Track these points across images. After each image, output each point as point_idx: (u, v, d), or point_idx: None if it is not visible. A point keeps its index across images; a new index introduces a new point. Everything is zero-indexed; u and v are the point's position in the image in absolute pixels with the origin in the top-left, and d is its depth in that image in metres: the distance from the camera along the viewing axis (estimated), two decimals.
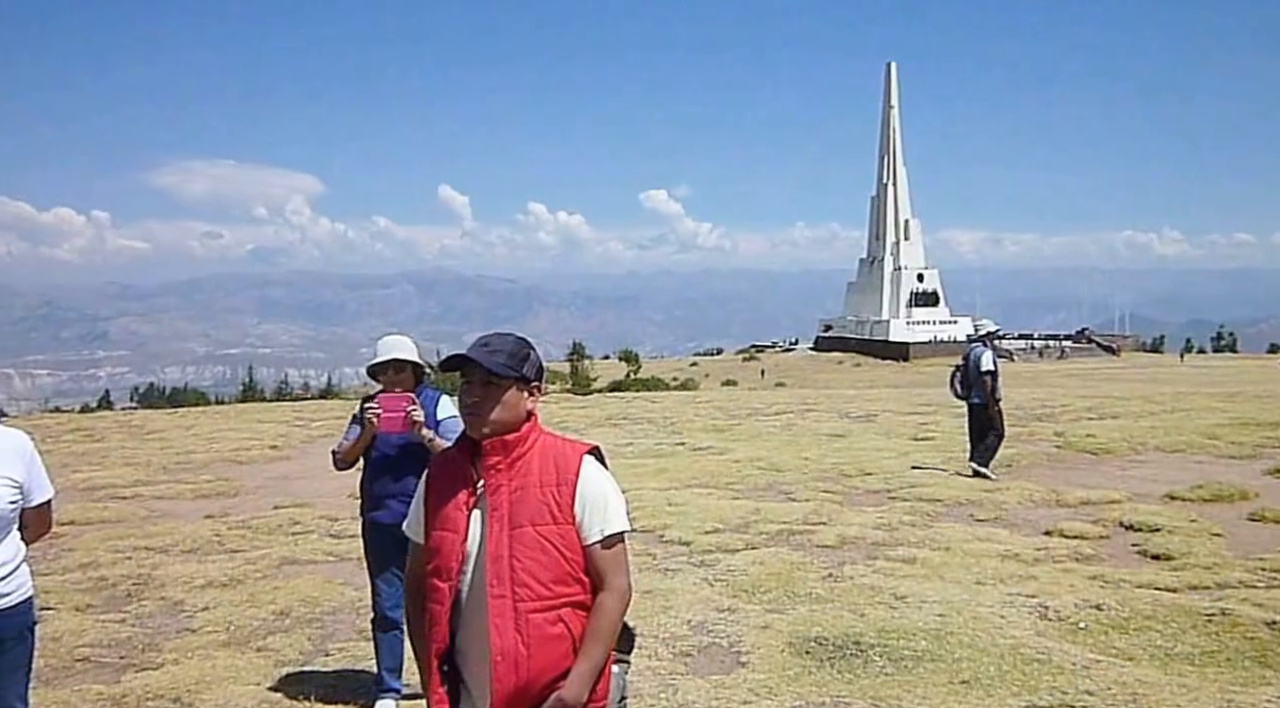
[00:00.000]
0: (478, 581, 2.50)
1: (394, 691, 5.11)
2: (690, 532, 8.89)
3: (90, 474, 12.96)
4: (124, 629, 6.50)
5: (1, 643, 3.36)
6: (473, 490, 2.57)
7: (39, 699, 5.10)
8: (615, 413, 21.80)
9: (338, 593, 7.31)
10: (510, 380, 2.58)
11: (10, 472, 3.38)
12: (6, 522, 3.38)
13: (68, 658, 5.95)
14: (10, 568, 3.38)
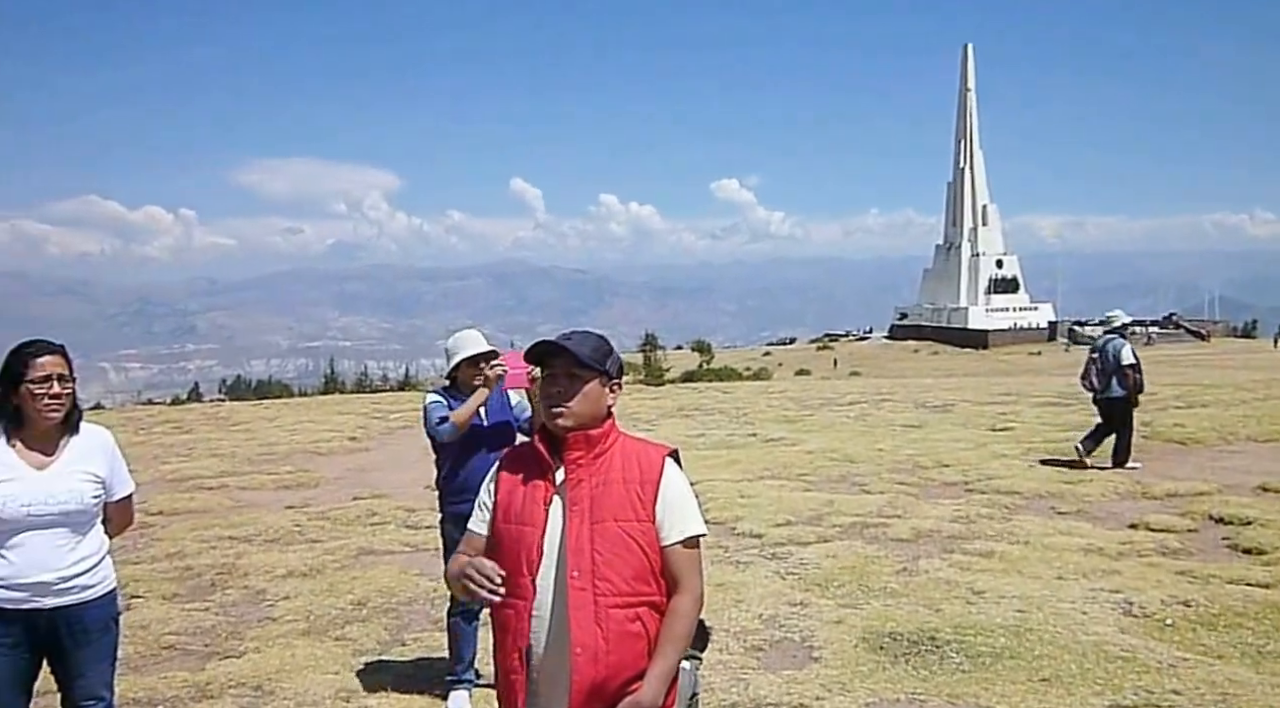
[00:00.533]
0: (557, 575, 2.50)
1: (468, 682, 5.16)
2: (762, 524, 8.84)
3: (179, 465, 13.35)
4: (208, 618, 6.68)
5: (87, 633, 3.48)
6: (552, 484, 2.56)
7: (128, 686, 5.29)
8: (687, 404, 21.77)
9: (413, 584, 7.41)
10: (595, 374, 2.58)
11: (93, 467, 3.50)
12: (90, 516, 3.50)
13: (155, 646, 6.13)
14: (94, 561, 3.50)
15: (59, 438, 3.46)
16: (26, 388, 3.34)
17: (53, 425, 3.43)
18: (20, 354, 3.39)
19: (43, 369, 3.35)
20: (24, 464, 3.38)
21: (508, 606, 2.52)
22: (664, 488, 2.57)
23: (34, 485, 3.36)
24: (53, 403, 3.38)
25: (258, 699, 5.22)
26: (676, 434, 15.58)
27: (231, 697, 5.26)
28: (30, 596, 3.35)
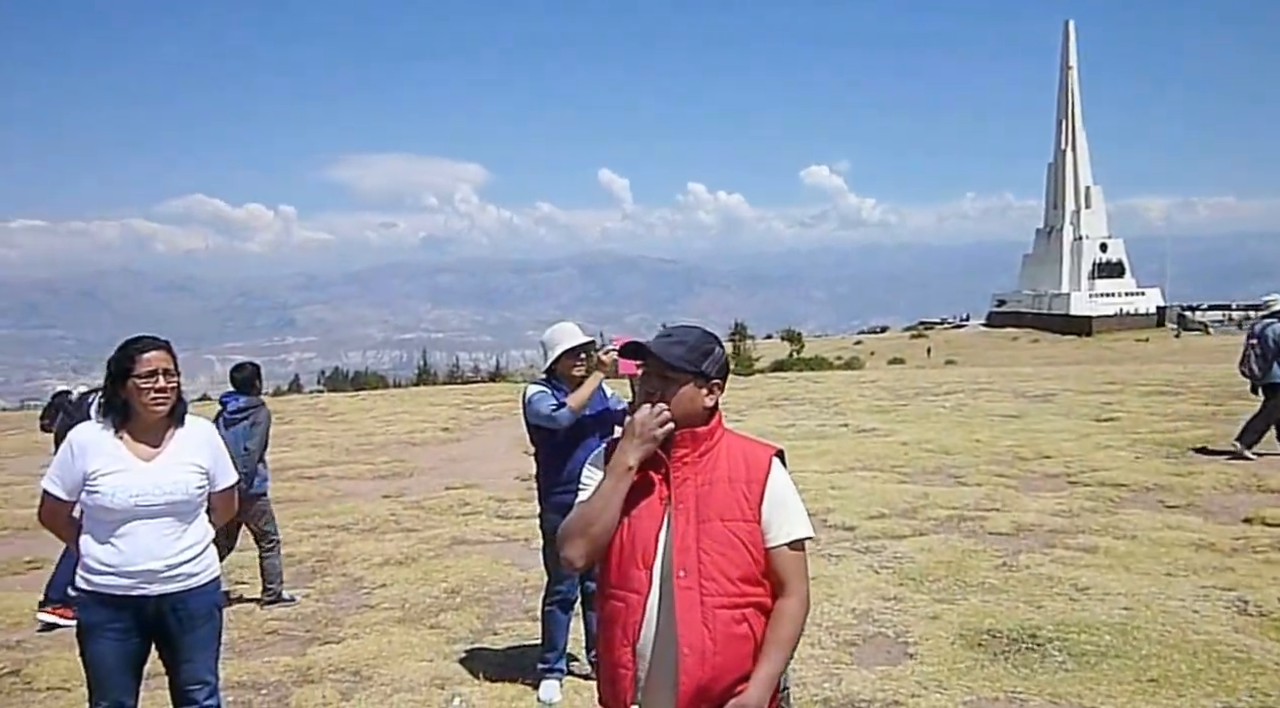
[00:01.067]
0: (663, 572, 2.46)
1: (559, 671, 5.18)
2: (854, 516, 8.71)
3: (280, 455, 13.70)
4: (309, 604, 6.86)
5: (193, 619, 3.58)
6: (663, 480, 2.53)
7: (232, 670, 5.44)
8: (777, 393, 21.59)
9: (505, 573, 7.49)
10: (687, 375, 2.53)
11: (198, 459, 3.60)
12: (195, 506, 3.60)
13: (258, 631, 6.31)
14: (199, 549, 3.60)
15: (165, 430, 3.56)
16: (134, 382, 3.44)
17: (159, 418, 3.53)
18: (128, 350, 3.49)
19: (149, 364, 3.45)
20: (132, 456, 3.49)
21: (618, 598, 2.50)
22: (770, 488, 2.53)
23: (142, 476, 3.46)
24: (159, 397, 3.47)
25: (356, 685, 5.32)
26: (766, 425, 15.46)
27: (331, 682, 5.37)
28: (138, 583, 3.45)
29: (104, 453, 3.47)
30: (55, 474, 3.52)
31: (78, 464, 3.47)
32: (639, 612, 2.46)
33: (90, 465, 3.45)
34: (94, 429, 3.54)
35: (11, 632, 6.42)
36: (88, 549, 3.50)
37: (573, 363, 5.03)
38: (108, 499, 3.43)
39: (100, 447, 3.48)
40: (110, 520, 3.45)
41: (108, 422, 3.53)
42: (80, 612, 3.56)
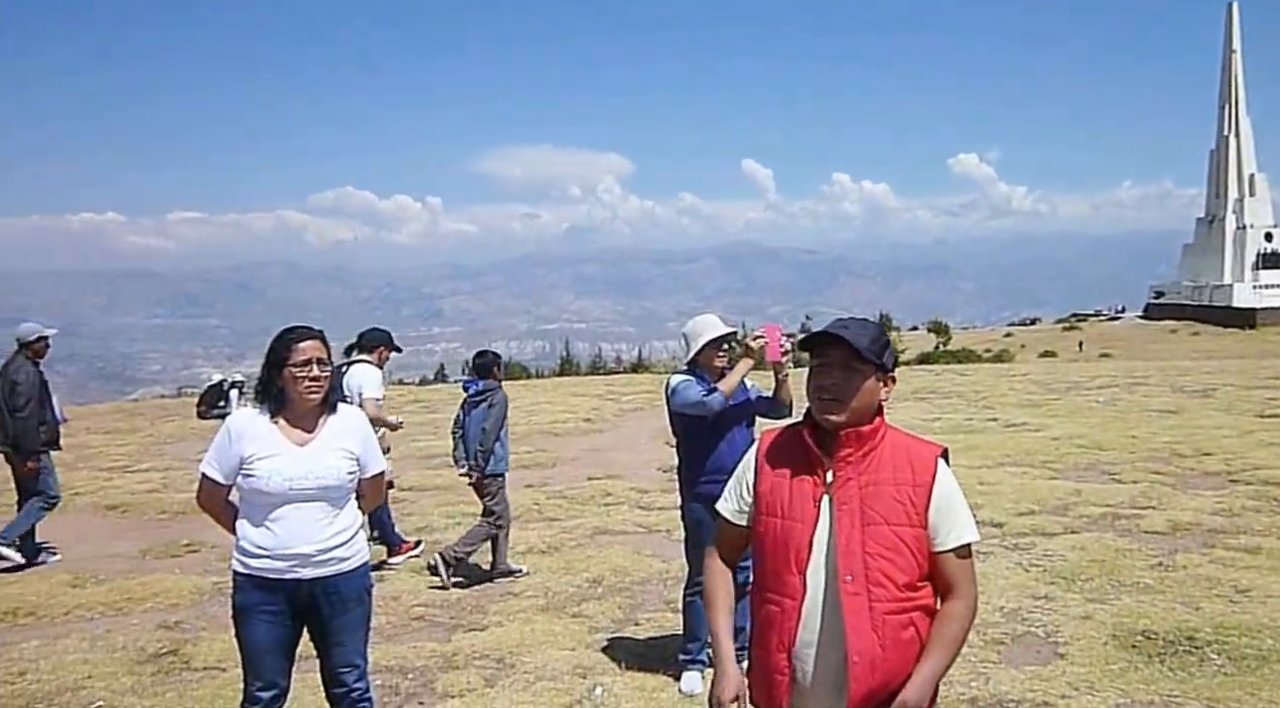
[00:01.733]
0: (827, 576, 2.40)
1: (701, 663, 5.18)
2: (1003, 513, 8.44)
3: (427, 443, 14.15)
4: (454, 591, 7.03)
5: (344, 603, 3.70)
6: (821, 480, 2.45)
7: (380, 654, 5.63)
8: (923, 387, 21.08)
9: (646, 564, 7.54)
10: (872, 367, 2.44)
11: (349, 445, 3.71)
12: (346, 491, 3.72)
13: (405, 616, 6.51)
14: (350, 534, 3.72)
15: (318, 417, 3.68)
16: (289, 371, 3.58)
17: (312, 406, 3.66)
18: (284, 339, 3.62)
19: (304, 354, 3.57)
20: (286, 441, 3.61)
21: (773, 602, 2.45)
22: (937, 491, 2.44)
23: (295, 462, 3.59)
24: (312, 386, 3.60)
25: (499, 672, 5.43)
26: (912, 418, 15.12)
27: (476, 668, 5.49)
28: (291, 566, 3.58)
29: (260, 438, 3.60)
30: (213, 458, 3.67)
31: (234, 448, 3.60)
32: (794, 617, 2.41)
33: (246, 450, 3.58)
34: (251, 415, 3.68)
35: (170, 612, 6.74)
36: (244, 533, 3.64)
37: (715, 354, 5.06)
38: (263, 483, 3.56)
39: (256, 432, 3.61)
40: (265, 504, 3.59)
41: (264, 407, 3.66)
42: (235, 594, 3.68)
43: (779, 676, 2.43)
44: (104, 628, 6.40)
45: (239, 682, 3.81)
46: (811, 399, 2.47)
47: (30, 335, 8.18)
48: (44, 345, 8.33)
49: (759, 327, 5.02)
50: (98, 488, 11.44)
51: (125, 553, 8.48)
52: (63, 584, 7.39)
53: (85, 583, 7.45)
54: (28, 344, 8.20)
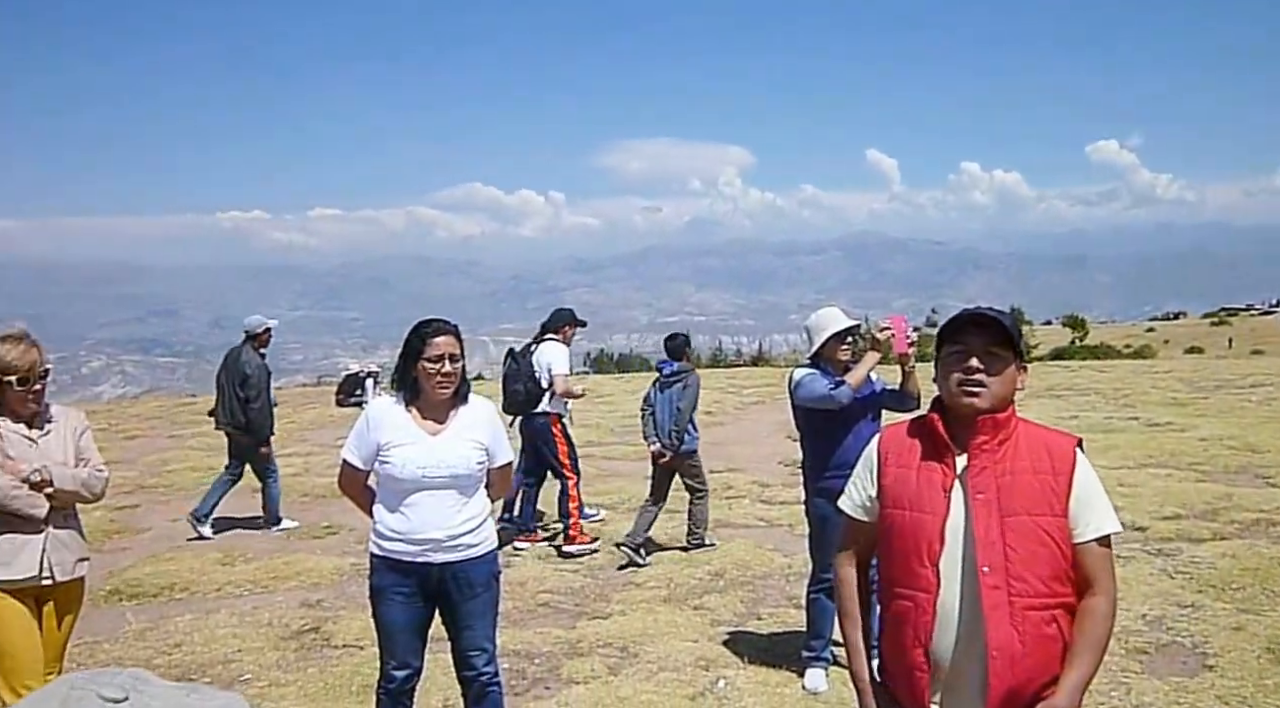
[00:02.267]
0: (964, 568, 2.33)
1: (825, 659, 5.13)
2: (1145, 516, 8.10)
3: None
4: (578, 579, 7.13)
5: (473, 588, 3.80)
6: (952, 469, 2.39)
7: (508, 638, 5.74)
8: (1057, 383, 20.37)
9: (768, 559, 7.50)
10: (1012, 355, 2.39)
11: (479, 436, 3.81)
12: (475, 480, 3.81)
13: (531, 602, 6.63)
14: (479, 521, 3.81)
15: (450, 408, 3.78)
16: (423, 365, 3.68)
17: (444, 399, 3.76)
18: (420, 333, 3.72)
19: (438, 349, 3.67)
20: (419, 430, 3.73)
21: (905, 597, 2.39)
22: (1078, 481, 2.36)
23: (428, 450, 3.69)
24: (444, 381, 3.70)
25: (623, 660, 5.48)
26: (1046, 415, 14.63)
27: (600, 655, 5.56)
28: (423, 551, 3.69)
29: (395, 426, 3.72)
30: (353, 444, 3.81)
31: (372, 436, 3.74)
32: (929, 612, 2.34)
33: (383, 437, 3.71)
34: (388, 403, 3.81)
35: (312, 591, 7.00)
36: (380, 517, 3.77)
37: (839, 347, 5.00)
38: (397, 470, 3.68)
39: (392, 420, 3.74)
40: (399, 490, 3.71)
41: (399, 396, 3.79)
42: (371, 576, 3.82)
43: (918, 672, 2.37)
44: (251, 605, 6.71)
45: (376, 660, 3.94)
46: (949, 386, 2.41)
47: (258, 327, 8.89)
48: (268, 335, 9.04)
49: (885, 319, 4.93)
50: (246, 473, 11.93)
51: (270, 533, 8.88)
52: (214, 562, 7.78)
53: (234, 561, 7.83)
54: (255, 335, 8.93)
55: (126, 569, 7.59)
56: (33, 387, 3.83)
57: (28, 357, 3.80)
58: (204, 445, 14.31)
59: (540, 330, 8.13)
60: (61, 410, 4.07)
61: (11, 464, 3.75)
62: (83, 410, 4.30)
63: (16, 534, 3.75)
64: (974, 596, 2.31)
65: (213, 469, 12.10)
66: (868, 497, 2.54)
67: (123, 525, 9.27)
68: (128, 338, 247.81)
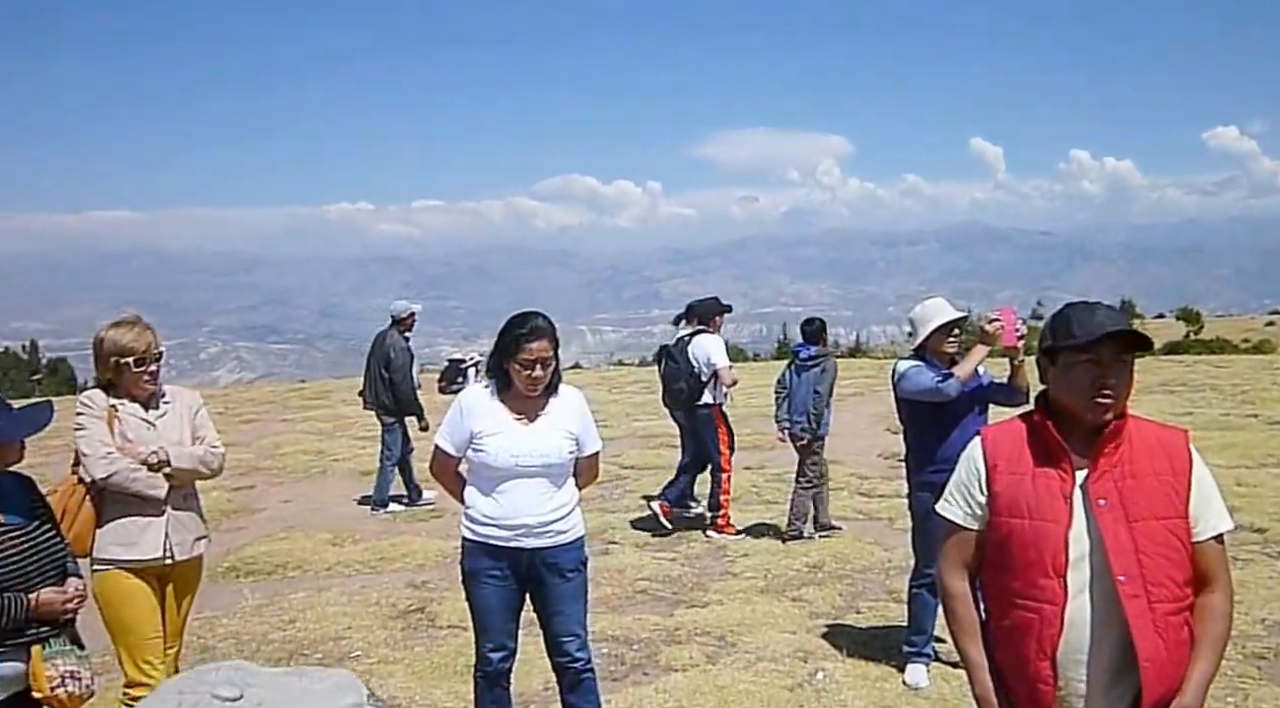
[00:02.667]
0: (1092, 578, 2.27)
1: (927, 655, 5.09)
2: (1265, 518, 7.79)
3: (647, 423, 14.42)
4: (675, 568, 7.18)
5: (562, 573, 3.88)
6: (1069, 475, 2.32)
7: (607, 624, 5.83)
8: (1171, 378, 19.66)
9: (867, 552, 7.44)
10: (1132, 359, 2.34)
11: (570, 426, 3.90)
12: (565, 469, 3.90)
13: (630, 589, 6.70)
14: (568, 509, 3.90)
15: (542, 398, 3.87)
16: (516, 365, 3.75)
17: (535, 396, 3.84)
18: (516, 335, 3.75)
19: (531, 354, 3.73)
20: (512, 420, 3.81)
21: (1028, 608, 2.32)
22: (1196, 480, 2.32)
23: (520, 439, 3.78)
24: (534, 384, 3.77)
25: (720, 649, 5.51)
26: (1159, 412, 14.15)
27: (698, 644, 5.60)
28: (515, 536, 3.78)
29: (488, 415, 3.82)
30: (446, 432, 3.92)
31: (466, 424, 3.84)
32: (1056, 623, 2.28)
33: (476, 426, 3.81)
34: (481, 393, 3.90)
35: (418, 572, 7.20)
36: (473, 502, 3.87)
37: (945, 339, 4.93)
38: (491, 458, 3.77)
39: (485, 409, 3.83)
40: (493, 477, 3.80)
41: (493, 386, 3.88)
42: (464, 559, 3.91)
43: (1043, 685, 2.32)
44: (360, 584, 6.94)
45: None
46: (1078, 396, 2.31)
47: (402, 312, 9.35)
48: (412, 320, 9.48)
49: (994, 311, 4.85)
50: (354, 456, 12.33)
51: (378, 515, 9.13)
52: (325, 542, 8.06)
53: (344, 542, 8.09)
54: (400, 320, 9.40)
55: (243, 547, 7.91)
56: (149, 368, 3.92)
57: (143, 338, 3.91)
58: (314, 430, 14.82)
59: (682, 321, 8.30)
60: (176, 391, 4.17)
61: (130, 447, 3.85)
62: (198, 391, 4.41)
63: (139, 516, 3.86)
64: (1107, 606, 2.26)
65: (323, 453, 12.55)
66: (977, 504, 2.45)
67: (239, 506, 9.64)
68: (242, 325, 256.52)
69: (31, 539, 3.28)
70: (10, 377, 65.36)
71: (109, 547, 3.84)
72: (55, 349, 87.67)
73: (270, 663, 5.42)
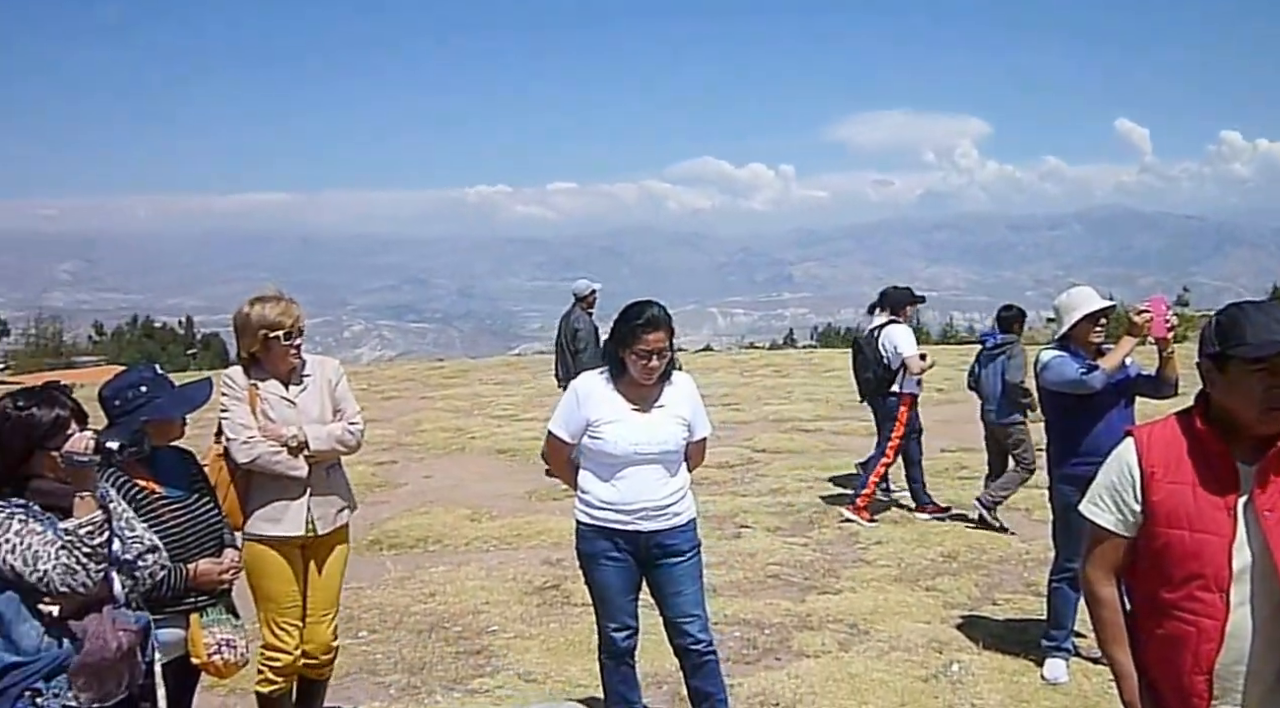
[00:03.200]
0: (1258, 593, 2.18)
1: (1067, 651, 4.98)
2: None
3: (779, 407, 14.39)
4: (807, 553, 7.16)
5: (678, 555, 3.95)
6: (1234, 486, 2.21)
7: (738, 608, 5.89)
8: None
9: (1004, 543, 7.30)
10: None
11: (683, 412, 3.97)
12: (679, 455, 3.97)
13: (761, 573, 6.72)
14: (683, 493, 3.97)
15: (656, 386, 3.93)
16: (631, 355, 3.81)
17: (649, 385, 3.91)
18: (632, 325, 3.81)
19: (648, 345, 3.79)
20: (628, 408, 3.89)
21: (1185, 621, 2.25)
22: None
23: (639, 427, 3.86)
24: (649, 374, 3.83)
25: (853, 637, 5.49)
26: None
27: (830, 631, 5.59)
28: (633, 519, 3.86)
29: (605, 403, 3.89)
30: (561, 419, 3.99)
31: (581, 411, 3.91)
32: (1215, 639, 2.21)
33: (593, 414, 3.88)
34: (596, 379, 3.97)
35: (552, 550, 7.34)
36: (590, 487, 3.94)
37: (1091, 329, 4.80)
38: (610, 446, 3.84)
39: (601, 397, 3.90)
40: (612, 464, 3.87)
41: (606, 373, 3.95)
42: (582, 542, 3.99)
43: (1197, 699, 2.26)
44: (497, 560, 7.15)
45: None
46: (1255, 408, 2.19)
47: (584, 291, 9.83)
48: (594, 297, 9.91)
49: (1144, 301, 4.70)
50: (490, 433, 12.68)
51: (513, 493, 9.36)
52: (463, 518, 8.32)
53: (481, 518, 8.34)
54: (583, 298, 9.85)
55: (386, 521, 8.23)
56: (294, 341, 4.01)
57: (289, 312, 4.00)
58: (452, 408, 15.26)
59: (875, 310, 8.37)
60: (317, 361, 4.20)
61: (272, 428, 3.94)
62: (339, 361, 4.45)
63: (282, 494, 3.97)
64: (1271, 620, 2.18)
65: (460, 430, 12.94)
66: (1130, 511, 2.35)
67: (383, 480, 10.03)
68: (384, 305, 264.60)
69: (191, 512, 3.43)
70: (168, 351, 69.17)
71: (256, 522, 3.98)
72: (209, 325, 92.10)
73: (412, 635, 5.67)
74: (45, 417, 2.69)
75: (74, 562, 2.54)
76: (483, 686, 5.02)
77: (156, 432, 3.32)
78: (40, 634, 2.59)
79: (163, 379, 3.52)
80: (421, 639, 5.66)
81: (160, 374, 3.56)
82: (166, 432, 3.46)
